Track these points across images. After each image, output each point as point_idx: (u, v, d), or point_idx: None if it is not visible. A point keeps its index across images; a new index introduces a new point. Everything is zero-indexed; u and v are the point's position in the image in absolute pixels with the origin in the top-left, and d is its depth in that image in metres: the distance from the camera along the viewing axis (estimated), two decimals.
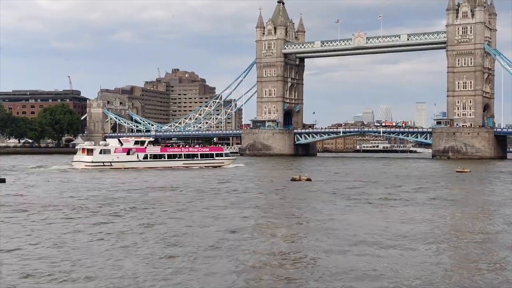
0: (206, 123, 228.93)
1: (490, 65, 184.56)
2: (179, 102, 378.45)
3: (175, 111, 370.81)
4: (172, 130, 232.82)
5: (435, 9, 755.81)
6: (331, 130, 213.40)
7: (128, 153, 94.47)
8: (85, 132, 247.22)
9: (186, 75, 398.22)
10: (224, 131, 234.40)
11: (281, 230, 31.49)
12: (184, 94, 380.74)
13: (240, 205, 42.46)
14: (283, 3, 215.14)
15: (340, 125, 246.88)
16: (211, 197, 48.48)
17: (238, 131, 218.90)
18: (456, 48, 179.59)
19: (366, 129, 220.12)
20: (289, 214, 37.75)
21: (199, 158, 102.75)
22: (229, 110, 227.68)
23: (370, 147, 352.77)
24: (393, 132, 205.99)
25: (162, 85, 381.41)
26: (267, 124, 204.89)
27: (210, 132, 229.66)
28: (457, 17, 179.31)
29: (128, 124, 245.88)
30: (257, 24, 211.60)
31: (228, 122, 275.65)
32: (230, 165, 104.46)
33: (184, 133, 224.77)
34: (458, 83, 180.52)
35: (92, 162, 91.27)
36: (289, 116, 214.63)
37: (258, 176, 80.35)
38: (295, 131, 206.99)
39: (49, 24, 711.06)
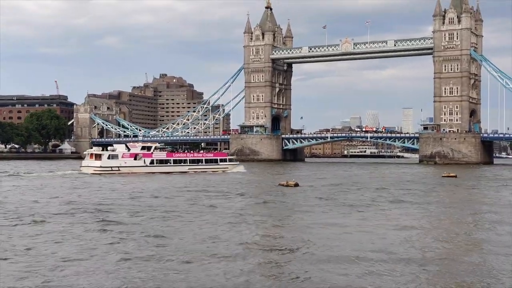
0: (194, 128, 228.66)
1: (477, 70, 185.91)
2: (167, 107, 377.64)
3: (163, 116, 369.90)
4: (160, 135, 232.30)
5: (422, 15, 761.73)
6: (319, 135, 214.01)
7: (135, 158, 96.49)
8: (72, 138, 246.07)
9: (174, 80, 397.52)
10: (212, 136, 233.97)
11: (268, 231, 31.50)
12: (172, 99, 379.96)
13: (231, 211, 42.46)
14: (270, 9, 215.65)
15: (327, 130, 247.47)
16: (200, 202, 48.45)
17: (226, 136, 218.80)
18: (442, 54, 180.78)
19: (353, 134, 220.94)
20: (277, 218, 37.82)
21: (204, 163, 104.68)
22: (217, 115, 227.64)
23: (357, 152, 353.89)
24: (381, 138, 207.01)
25: (149, 90, 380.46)
26: (255, 129, 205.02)
27: (198, 137, 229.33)
28: (443, 23, 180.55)
29: (115, 129, 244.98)
30: (245, 29, 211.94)
31: (216, 128, 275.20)
32: (234, 170, 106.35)
33: (172, 138, 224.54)
34: (445, 89, 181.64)
35: (101, 167, 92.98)
36: (277, 122, 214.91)
37: (252, 181, 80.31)
38: (283, 136, 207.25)
39: (35, 29, 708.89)
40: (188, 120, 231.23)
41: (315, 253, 25.86)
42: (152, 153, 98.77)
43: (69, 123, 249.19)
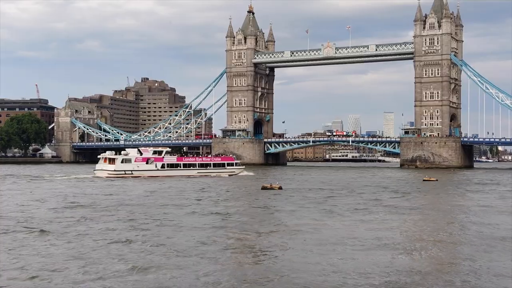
0: (176, 132, 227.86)
1: (457, 75, 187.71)
2: (149, 111, 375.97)
3: (145, 120, 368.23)
4: (142, 139, 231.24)
5: (403, 20, 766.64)
6: (301, 139, 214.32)
7: (147, 162, 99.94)
8: (53, 141, 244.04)
9: (156, 84, 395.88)
10: (194, 140, 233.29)
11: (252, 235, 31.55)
12: (154, 103, 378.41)
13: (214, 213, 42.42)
14: (253, 13, 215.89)
15: (309, 134, 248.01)
16: (183, 207, 48.41)
17: (208, 141, 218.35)
18: (423, 59, 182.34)
19: (335, 138, 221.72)
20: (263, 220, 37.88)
21: (212, 167, 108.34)
22: (199, 120, 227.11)
23: (339, 156, 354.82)
24: (362, 142, 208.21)
25: (131, 94, 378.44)
26: (237, 133, 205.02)
27: (180, 141, 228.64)
28: (424, 28, 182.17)
29: (96, 133, 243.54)
30: (227, 33, 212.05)
31: (198, 132, 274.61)
32: (240, 174, 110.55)
33: (153, 142, 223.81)
34: (426, 93, 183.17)
35: (115, 170, 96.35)
36: (259, 126, 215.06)
37: (236, 184, 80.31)
38: (265, 140, 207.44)
39: (16, 33, 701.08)
40: (170, 124, 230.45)
41: (291, 259, 25.96)
42: (163, 157, 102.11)
43: (50, 127, 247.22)
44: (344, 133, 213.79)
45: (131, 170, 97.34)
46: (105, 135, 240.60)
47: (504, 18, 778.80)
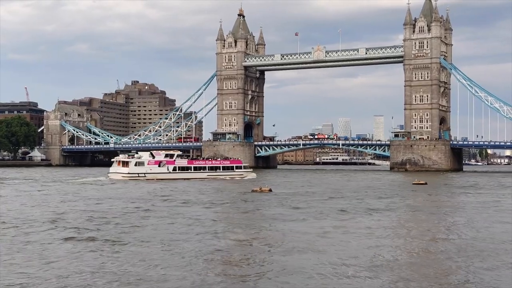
0: (166, 135, 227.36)
1: (446, 79, 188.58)
2: (139, 114, 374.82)
3: (135, 123, 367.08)
4: (132, 142, 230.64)
5: (393, 24, 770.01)
6: (291, 142, 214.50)
7: (159, 165, 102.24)
8: (42, 145, 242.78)
9: (146, 87, 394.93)
10: (184, 144, 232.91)
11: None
12: (144, 106, 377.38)
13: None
14: (243, 16, 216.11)
15: (300, 137, 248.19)
16: (166, 212, 48.35)
17: (198, 144, 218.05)
18: (413, 62, 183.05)
19: (325, 141, 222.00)
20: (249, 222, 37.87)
21: (221, 170, 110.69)
22: (189, 123, 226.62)
23: (329, 159, 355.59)
24: (352, 145, 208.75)
25: (121, 97, 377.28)
26: (227, 136, 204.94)
27: (170, 144, 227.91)
28: (414, 31, 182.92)
29: (86, 136, 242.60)
30: (218, 36, 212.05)
31: (188, 135, 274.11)
32: (249, 176, 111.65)
33: (143, 145, 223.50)
34: (415, 97, 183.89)
35: (129, 173, 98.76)
36: (249, 129, 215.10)
37: (226, 187, 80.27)
38: (256, 143, 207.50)
39: (5, 36, 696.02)
40: (160, 127, 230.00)
41: (280, 262, 25.96)
42: (174, 160, 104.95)
43: (39, 130, 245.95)
44: (326, 136, 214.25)
45: (144, 173, 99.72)
46: (95, 138, 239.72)
47: (493, 22, 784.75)
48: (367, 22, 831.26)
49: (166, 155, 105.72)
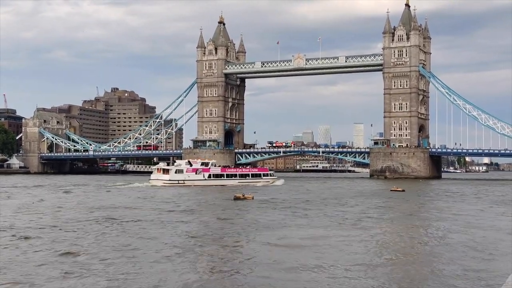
0: (146, 142, 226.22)
1: (425, 87, 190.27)
2: (119, 122, 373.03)
3: (114, 130, 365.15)
4: (111, 149, 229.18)
5: (372, 32, 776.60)
6: (272, 150, 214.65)
7: (196, 173, 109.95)
8: (21, 152, 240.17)
9: (126, 94, 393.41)
10: (164, 151, 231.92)
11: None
12: (124, 113, 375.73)
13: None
14: (223, 24, 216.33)
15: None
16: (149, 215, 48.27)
17: (178, 151, 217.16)
18: (392, 70, 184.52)
19: (306, 149, 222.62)
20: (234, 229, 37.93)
21: (250, 178, 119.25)
22: (169, 130, 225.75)
23: (310, 167, 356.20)
24: (332, 152, 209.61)
25: (101, 104, 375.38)
26: (208, 144, 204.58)
27: (150, 151, 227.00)
28: (393, 40, 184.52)
29: (65, 143, 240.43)
30: (198, 44, 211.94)
31: (168, 142, 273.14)
32: (276, 183, 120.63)
33: (123, 153, 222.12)
34: (394, 104, 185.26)
35: (169, 180, 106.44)
36: (230, 136, 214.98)
37: (207, 194, 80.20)
38: (236, 151, 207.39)
39: None
40: (140, 134, 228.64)
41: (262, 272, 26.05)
42: (209, 168, 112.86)
43: (18, 137, 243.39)
44: (284, 144, 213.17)
45: (183, 180, 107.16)
46: (74, 146, 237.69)
47: (471, 31, 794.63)
48: (347, 30, 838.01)
49: (202, 163, 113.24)
